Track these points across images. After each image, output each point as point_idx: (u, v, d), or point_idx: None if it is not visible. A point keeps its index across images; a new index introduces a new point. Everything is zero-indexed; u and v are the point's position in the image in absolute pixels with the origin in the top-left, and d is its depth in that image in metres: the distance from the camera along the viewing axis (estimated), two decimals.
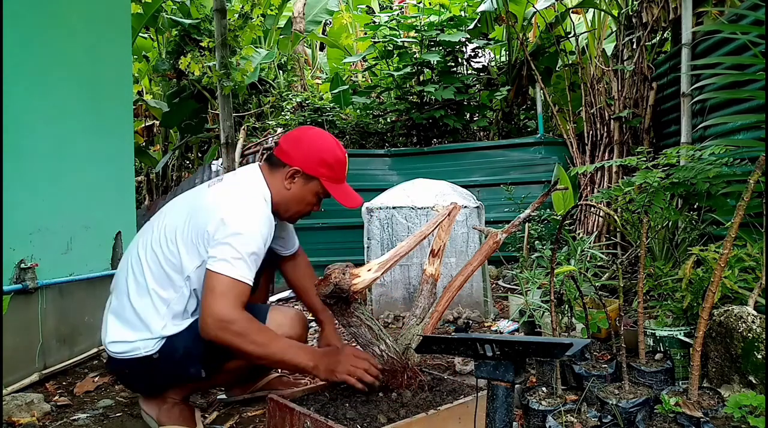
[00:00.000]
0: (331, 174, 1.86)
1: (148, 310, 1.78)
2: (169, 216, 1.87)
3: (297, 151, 1.85)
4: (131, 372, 1.85)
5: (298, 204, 1.90)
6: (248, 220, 1.72)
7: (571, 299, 2.28)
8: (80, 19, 2.84)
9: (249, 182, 1.85)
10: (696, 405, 1.61)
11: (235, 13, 5.34)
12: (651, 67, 4.35)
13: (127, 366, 1.81)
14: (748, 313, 1.76)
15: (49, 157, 2.56)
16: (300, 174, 1.85)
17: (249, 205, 1.77)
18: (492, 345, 1.07)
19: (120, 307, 1.83)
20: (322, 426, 1.53)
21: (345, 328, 1.76)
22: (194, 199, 1.87)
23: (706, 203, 2.75)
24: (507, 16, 5.98)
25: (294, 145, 1.87)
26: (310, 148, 1.86)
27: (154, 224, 1.90)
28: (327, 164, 1.85)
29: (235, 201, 1.77)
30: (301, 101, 6.08)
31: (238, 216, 1.72)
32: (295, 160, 1.84)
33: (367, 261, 2.71)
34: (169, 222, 1.84)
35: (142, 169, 8.87)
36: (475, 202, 3.58)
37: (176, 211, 1.87)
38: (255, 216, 1.75)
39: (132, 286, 1.82)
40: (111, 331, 1.82)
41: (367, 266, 1.72)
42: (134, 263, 1.85)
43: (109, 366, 1.95)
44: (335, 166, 1.86)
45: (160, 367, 1.78)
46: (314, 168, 1.84)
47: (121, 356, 1.79)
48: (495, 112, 6.63)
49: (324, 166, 1.85)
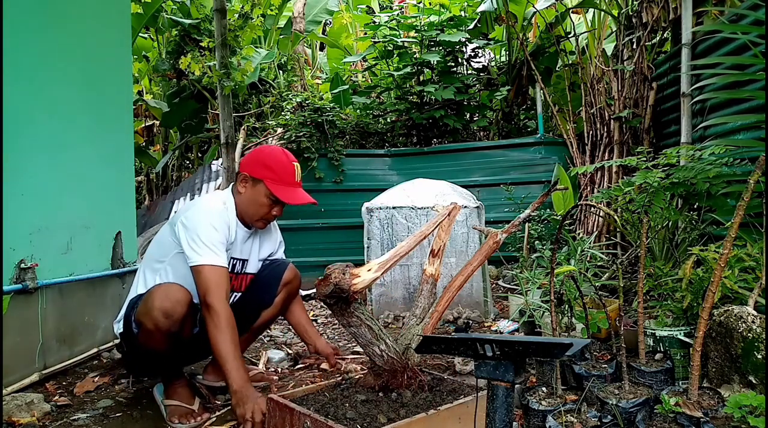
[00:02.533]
0: (274, 176, 2.10)
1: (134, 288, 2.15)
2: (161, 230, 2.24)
3: (246, 160, 2.19)
4: (121, 350, 2.23)
5: (251, 205, 2.14)
6: (199, 217, 2.03)
7: (571, 299, 2.28)
8: (80, 19, 2.84)
9: (215, 193, 2.20)
10: (696, 405, 1.61)
11: (235, 13, 5.33)
12: (651, 67, 4.35)
13: (119, 346, 2.21)
14: (748, 313, 1.76)
15: (49, 157, 2.56)
16: (248, 178, 2.13)
17: (203, 206, 2.09)
18: (492, 345, 1.07)
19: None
20: (322, 426, 1.53)
21: (345, 328, 1.76)
22: (174, 216, 2.21)
23: (706, 203, 2.75)
24: (507, 16, 5.98)
25: (246, 157, 2.21)
26: (256, 156, 2.17)
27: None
28: (268, 167, 2.10)
29: (194, 206, 2.11)
30: (301, 101, 6.07)
31: (193, 216, 2.04)
32: (244, 167, 2.16)
33: (367, 261, 2.71)
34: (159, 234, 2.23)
35: (142, 169, 8.87)
36: (475, 201, 3.58)
37: (163, 229, 2.23)
38: (205, 213, 2.05)
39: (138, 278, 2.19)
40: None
41: (367, 266, 1.72)
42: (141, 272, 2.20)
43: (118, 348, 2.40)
44: (277, 169, 2.10)
45: (121, 344, 2.16)
46: (258, 171, 2.11)
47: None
48: (495, 112, 6.62)
49: (266, 169, 2.10)
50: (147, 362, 2.11)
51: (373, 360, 1.77)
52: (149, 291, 2.01)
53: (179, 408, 2.06)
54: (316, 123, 5.71)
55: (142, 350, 2.02)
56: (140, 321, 1.96)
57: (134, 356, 2.13)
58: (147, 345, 1.99)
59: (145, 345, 1.99)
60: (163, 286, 1.99)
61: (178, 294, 1.95)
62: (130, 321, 2.03)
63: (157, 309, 1.90)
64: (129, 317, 2.05)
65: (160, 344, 1.97)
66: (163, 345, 1.97)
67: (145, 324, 1.94)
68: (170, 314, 1.92)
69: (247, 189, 2.13)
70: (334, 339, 3.13)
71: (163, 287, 1.99)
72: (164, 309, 1.91)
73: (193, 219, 2.02)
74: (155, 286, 2.02)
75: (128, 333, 2.06)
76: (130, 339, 2.05)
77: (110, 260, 2.96)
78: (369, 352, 1.76)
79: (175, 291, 1.96)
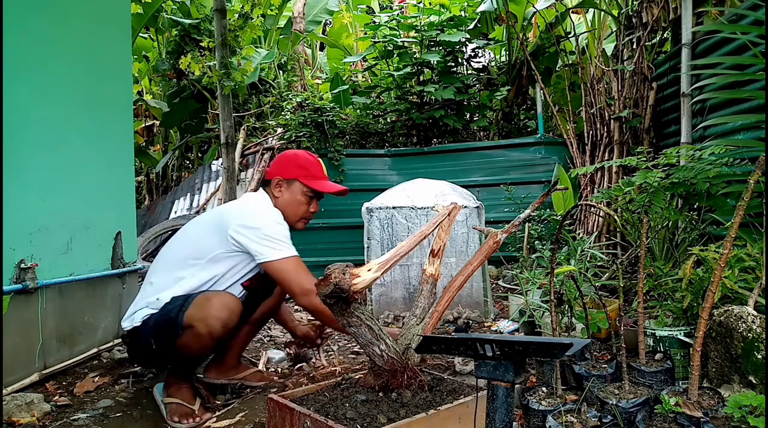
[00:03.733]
0: (306, 172, 2.24)
1: (161, 285, 2.12)
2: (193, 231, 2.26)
3: (274, 166, 2.29)
4: (129, 342, 2.18)
5: (290, 206, 2.24)
6: (263, 217, 2.13)
7: (571, 299, 2.28)
8: (80, 19, 2.84)
9: (255, 197, 2.27)
10: (696, 405, 1.61)
11: (235, 13, 5.33)
12: (651, 67, 4.35)
13: (128, 336, 2.15)
14: (748, 313, 1.76)
15: (49, 157, 2.56)
16: (281, 181, 2.25)
17: (259, 208, 2.19)
18: (492, 345, 1.07)
19: (140, 292, 2.18)
20: (322, 426, 1.53)
21: (345, 328, 1.76)
22: (214, 211, 2.27)
23: (706, 203, 2.74)
24: (507, 16, 5.98)
25: (273, 164, 2.31)
26: (284, 160, 2.29)
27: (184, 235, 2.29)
28: (299, 165, 2.24)
29: (245, 210, 2.17)
30: (301, 101, 6.07)
31: (255, 218, 2.12)
32: (275, 172, 2.26)
33: (367, 261, 2.71)
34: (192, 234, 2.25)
35: (142, 169, 8.87)
36: (475, 202, 3.58)
37: (196, 230, 2.26)
38: (265, 213, 2.16)
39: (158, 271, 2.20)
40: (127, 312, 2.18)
41: (367, 266, 1.72)
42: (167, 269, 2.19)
43: (123, 341, 2.28)
44: (307, 165, 2.25)
45: (138, 337, 2.11)
46: (290, 171, 2.24)
47: (127, 328, 2.13)
48: (495, 112, 6.62)
49: (297, 168, 2.24)
50: (175, 360, 2.11)
51: (373, 360, 1.77)
52: (206, 298, 2.02)
53: (180, 407, 2.06)
54: (316, 123, 5.71)
55: (180, 350, 2.02)
56: (191, 324, 1.97)
57: (158, 352, 2.09)
58: (189, 346, 2.01)
59: (186, 346, 2.01)
60: (221, 295, 2.05)
61: (235, 305, 2.04)
62: (172, 319, 2.00)
63: (215, 318, 1.97)
64: (170, 316, 2.01)
65: (203, 348, 2.04)
66: (205, 349, 2.06)
67: (197, 327, 1.97)
68: (226, 324, 2.00)
69: (283, 192, 2.24)
70: (334, 339, 3.13)
71: (222, 296, 2.04)
72: (222, 318, 1.98)
73: (256, 220, 2.10)
74: (212, 294, 2.06)
75: (160, 328, 2.02)
76: (162, 335, 2.03)
77: (110, 260, 2.96)
78: (369, 352, 1.76)
79: (233, 302, 2.05)
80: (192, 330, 1.97)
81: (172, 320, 2.00)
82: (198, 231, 2.23)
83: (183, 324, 1.98)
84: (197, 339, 1.98)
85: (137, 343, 2.13)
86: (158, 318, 2.05)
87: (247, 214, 2.13)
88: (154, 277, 2.17)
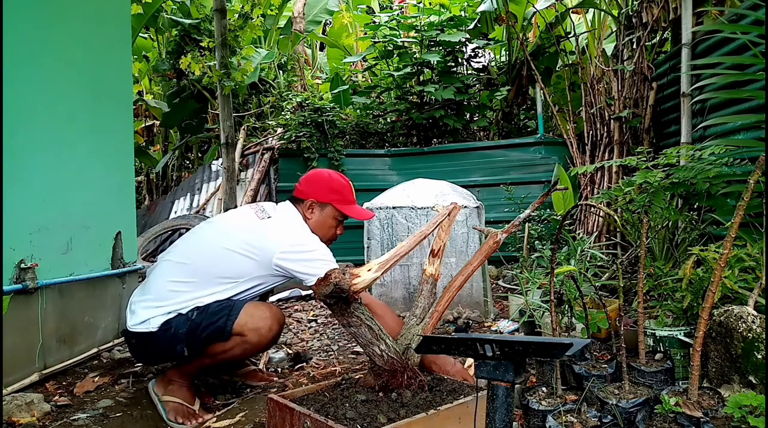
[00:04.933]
0: (340, 197, 2.27)
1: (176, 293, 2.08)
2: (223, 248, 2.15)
3: (307, 186, 2.29)
4: (137, 342, 2.12)
5: (320, 229, 2.26)
6: (304, 238, 2.15)
7: (571, 299, 2.28)
8: (80, 19, 2.84)
9: (291, 218, 2.25)
10: (696, 405, 1.61)
11: (235, 13, 5.33)
12: (651, 67, 4.35)
13: (134, 337, 2.10)
14: (748, 313, 1.76)
15: (49, 157, 2.56)
16: (315, 204, 2.27)
17: (298, 230, 2.19)
18: (492, 345, 1.07)
19: (145, 291, 2.14)
20: (322, 426, 1.53)
21: (345, 328, 1.76)
22: (247, 229, 2.17)
23: (706, 203, 2.75)
24: (507, 16, 5.98)
25: (307, 184, 2.30)
26: (319, 181, 2.29)
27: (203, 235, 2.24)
28: (333, 189, 2.27)
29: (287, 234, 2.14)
30: (301, 101, 6.07)
31: (297, 241, 2.12)
32: (310, 194, 2.27)
33: (367, 261, 2.71)
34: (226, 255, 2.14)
35: (142, 169, 8.87)
36: (475, 201, 3.58)
37: (225, 234, 2.19)
38: (306, 235, 2.18)
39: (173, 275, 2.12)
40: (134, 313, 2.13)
41: (367, 266, 1.72)
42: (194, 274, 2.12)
43: (126, 339, 2.23)
44: (341, 190, 2.28)
45: (156, 343, 2.06)
46: (325, 195, 2.26)
47: (134, 329, 2.08)
48: (495, 112, 6.62)
49: (332, 192, 2.26)
50: (203, 363, 2.10)
51: (373, 360, 1.77)
52: (257, 308, 2.06)
53: (181, 407, 2.05)
54: (316, 123, 5.72)
55: (217, 354, 2.04)
56: (242, 332, 2.00)
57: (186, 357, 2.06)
58: (231, 351, 2.03)
59: (227, 350, 2.03)
60: (273, 308, 2.13)
61: (282, 318, 2.15)
62: (220, 328, 1.99)
63: (268, 329, 2.04)
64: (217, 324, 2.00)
65: (244, 355, 2.11)
66: (246, 355, 2.16)
67: (248, 336, 2.01)
68: (276, 335, 2.10)
69: (315, 214, 2.27)
70: (334, 339, 3.13)
71: (274, 309, 2.12)
72: (273, 330, 2.06)
73: (299, 244, 2.11)
74: (261, 304, 2.12)
75: (197, 335, 2.00)
76: (198, 340, 2.01)
77: (110, 260, 2.96)
78: (369, 352, 1.76)
79: (282, 315, 2.15)
80: (242, 338, 2.01)
81: (220, 329, 2.00)
82: (233, 250, 2.11)
83: (233, 332, 2.00)
84: (243, 348, 2.03)
85: (155, 348, 2.07)
86: (193, 329, 2.00)
87: (293, 241, 2.11)
88: (175, 275, 2.12)
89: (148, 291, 2.12)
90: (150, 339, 2.05)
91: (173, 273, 2.12)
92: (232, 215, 2.36)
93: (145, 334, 2.05)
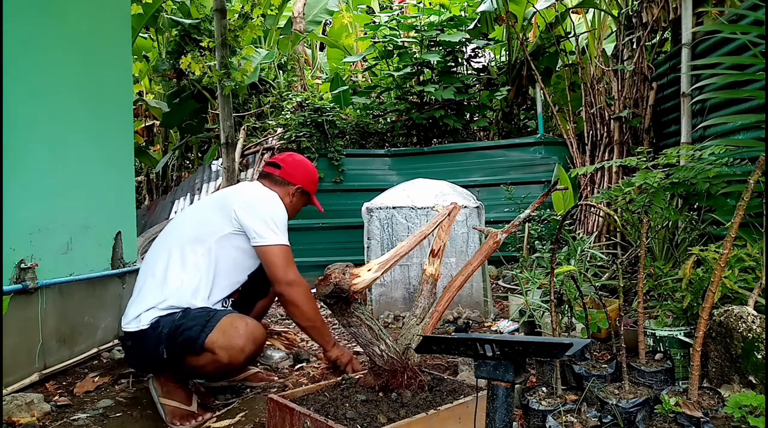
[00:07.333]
0: (316, 189, 2.46)
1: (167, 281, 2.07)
2: (195, 214, 2.28)
3: (297, 172, 2.38)
4: (133, 344, 2.08)
5: (293, 213, 2.38)
6: (269, 203, 2.20)
7: (571, 299, 2.28)
8: (80, 19, 2.84)
9: (262, 187, 2.31)
10: (696, 405, 1.61)
11: (235, 13, 5.33)
12: (651, 67, 4.35)
13: (128, 338, 2.08)
14: (748, 313, 1.76)
15: (49, 157, 2.56)
16: (300, 190, 2.38)
17: (268, 196, 2.25)
18: (492, 345, 1.07)
19: (141, 287, 2.12)
20: (322, 426, 1.53)
21: (345, 328, 1.76)
22: (218, 193, 2.33)
23: (706, 203, 2.75)
24: (507, 16, 5.98)
25: (295, 169, 2.39)
26: (308, 171, 2.42)
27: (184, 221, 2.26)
28: (315, 182, 2.45)
29: (253, 193, 2.24)
30: (301, 101, 6.07)
31: (261, 202, 2.19)
32: (299, 181, 2.37)
33: (367, 261, 2.71)
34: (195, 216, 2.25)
35: (142, 169, 8.87)
36: (475, 201, 3.58)
37: (199, 212, 2.28)
38: (274, 201, 2.23)
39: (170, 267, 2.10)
40: (126, 314, 2.11)
41: (367, 266, 1.72)
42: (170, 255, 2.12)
43: (122, 344, 2.24)
44: (317, 182, 2.47)
45: (145, 341, 2.01)
46: (310, 186, 2.42)
47: (131, 329, 2.05)
48: (495, 112, 6.62)
49: (314, 184, 2.44)
50: (184, 372, 2.07)
51: (373, 360, 1.77)
52: (232, 324, 1.94)
53: (179, 409, 2.05)
54: (316, 123, 5.71)
55: (193, 367, 1.98)
56: (213, 350, 1.90)
57: (166, 362, 2.00)
58: (204, 368, 1.96)
59: (201, 367, 1.96)
60: (249, 323, 1.98)
61: (261, 336, 2.02)
62: (192, 339, 1.92)
63: (238, 350, 1.91)
64: (190, 335, 1.92)
65: (218, 373, 2.04)
66: (220, 374, 2.11)
67: (219, 355, 1.90)
68: (249, 355, 1.97)
69: (294, 199, 2.38)
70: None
71: (251, 327, 1.97)
72: (246, 351, 1.94)
73: (263, 205, 2.17)
74: (238, 319, 1.97)
75: (176, 342, 1.94)
76: (176, 348, 1.95)
77: (110, 260, 2.96)
78: (369, 352, 1.76)
79: (260, 332, 2.01)
80: (213, 355, 1.91)
81: (193, 340, 1.91)
82: (202, 211, 2.25)
83: (204, 347, 1.90)
84: (215, 365, 1.93)
85: (143, 347, 2.02)
86: (173, 330, 1.95)
87: (255, 197, 2.20)
88: (156, 267, 2.10)
89: (138, 290, 2.14)
90: (140, 337, 2.01)
91: (153, 254, 2.17)
92: (203, 198, 2.48)
93: (137, 333, 2.02)
